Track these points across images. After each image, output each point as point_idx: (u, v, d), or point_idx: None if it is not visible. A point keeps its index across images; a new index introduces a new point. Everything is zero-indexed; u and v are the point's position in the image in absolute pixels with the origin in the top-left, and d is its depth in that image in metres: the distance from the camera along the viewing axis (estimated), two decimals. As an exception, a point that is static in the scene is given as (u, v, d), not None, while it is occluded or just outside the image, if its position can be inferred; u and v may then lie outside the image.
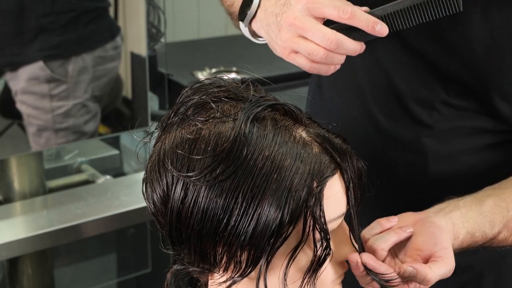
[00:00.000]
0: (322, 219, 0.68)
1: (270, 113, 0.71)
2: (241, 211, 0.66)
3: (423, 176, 1.04)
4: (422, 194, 1.04)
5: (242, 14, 0.91)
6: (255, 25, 0.92)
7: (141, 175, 1.74)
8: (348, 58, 0.85)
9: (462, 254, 1.09)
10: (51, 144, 1.83)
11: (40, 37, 1.75)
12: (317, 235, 0.68)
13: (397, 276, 0.75)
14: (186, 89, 0.74)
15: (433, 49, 0.95)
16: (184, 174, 0.67)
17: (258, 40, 0.97)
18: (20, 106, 1.81)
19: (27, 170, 1.75)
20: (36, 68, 1.76)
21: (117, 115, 2.00)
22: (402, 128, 1.03)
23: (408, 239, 0.82)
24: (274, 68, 2.25)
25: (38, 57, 1.75)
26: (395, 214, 1.07)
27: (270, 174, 0.66)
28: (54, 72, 1.77)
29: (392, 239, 0.80)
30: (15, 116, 1.82)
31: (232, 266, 0.70)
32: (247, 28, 0.94)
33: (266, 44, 0.95)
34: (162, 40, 2.20)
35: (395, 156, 1.05)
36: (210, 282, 0.77)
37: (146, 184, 0.73)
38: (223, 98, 0.72)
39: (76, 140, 1.85)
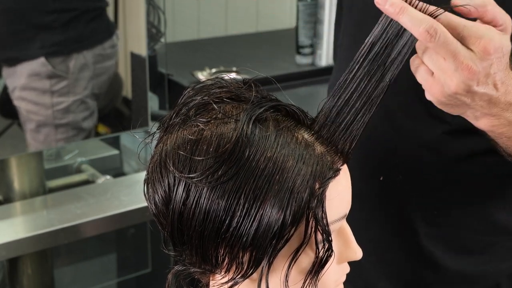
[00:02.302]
0: (324, 221, 0.68)
1: (272, 114, 0.71)
2: (243, 212, 0.66)
3: (441, 174, 1.02)
4: (438, 192, 1.03)
5: None
6: None
7: (141, 175, 1.75)
8: None
9: (477, 264, 1.07)
10: (50, 140, 1.83)
11: (42, 34, 1.76)
12: (319, 237, 0.68)
13: None
14: (188, 89, 0.74)
15: None
16: (186, 175, 0.67)
17: None
18: (19, 103, 1.82)
19: (27, 170, 1.75)
20: (37, 64, 1.77)
21: (117, 115, 2.00)
22: (420, 125, 1.02)
23: None
24: (274, 68, 2.25)
25: (40, 53, 1.76)
26: (411, 212, 1.06)
27: (272, 176, 0.66)
28: (55, 68, 1.79)
29: None
30: (15, 116, 1.83)
31: (233, 267, 0.70)
32: None
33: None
34: (162, 40, 2.20)
35: (413, 154, 1.04)
36: (211, 283, 0.76)
37: (147, 185, 0.73)
38: (225, 99, 0.72)
39: (74, 136, 1.86)
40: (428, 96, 0.75)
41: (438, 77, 0.72)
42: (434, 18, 0.69)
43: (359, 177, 1.06)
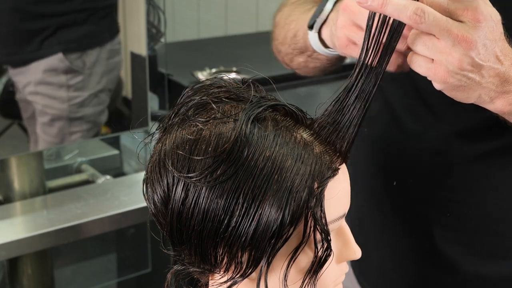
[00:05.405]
0: (323, 220, 0.68)
1: (271, 114, 0.71)
2: (242, 212, 0.66)
3: (449, 176, 1.02)
4: (448, 194, 1.02)
5: (312, 20, 0.88)
6: (325, 31, 0.89)
7: (141, 175, 1.75)
8: None
9: (500, 267, 1.05)
10: (63, 133, 1.86)
11: (59, 32, 1.80)
12: (318, 236, 0.68)
13: None
14: (187, 89, 0.74)
15: None
16: (184, 175, 0.67)
17: (329, 50, 0.92)
18: (33, 97, 1.84)
19: (27, 170, 1.75)
20: (55, 60, 1.81)
21: (117, 115, 2.01)
22: (427, 128, 1.01)
23: None
24: (274, 68, 2.25)
25: (58, 50, 1.80)
26: (420, 216, 1.05)
27: (271, 175, 0.66)
28: (72, 64, 1.81)
29: None
30: (15, 116, 1.84)
31: (232, 267, 0.70)
32: (316, 36, 0.90)
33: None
34: (162, 40, 2.21)
35: (421, 157, 1.03)
36: (210, 282, 0.77)
37: (146, 185, 0.73)
38: (224, 99, 0.72)
39: (87, 130, 1.88)
40: (436, 84, 0.74)
41: (438, 60, 0.71)
42: (417, 1, 0.69)
43: (376, 184, 1.05)
